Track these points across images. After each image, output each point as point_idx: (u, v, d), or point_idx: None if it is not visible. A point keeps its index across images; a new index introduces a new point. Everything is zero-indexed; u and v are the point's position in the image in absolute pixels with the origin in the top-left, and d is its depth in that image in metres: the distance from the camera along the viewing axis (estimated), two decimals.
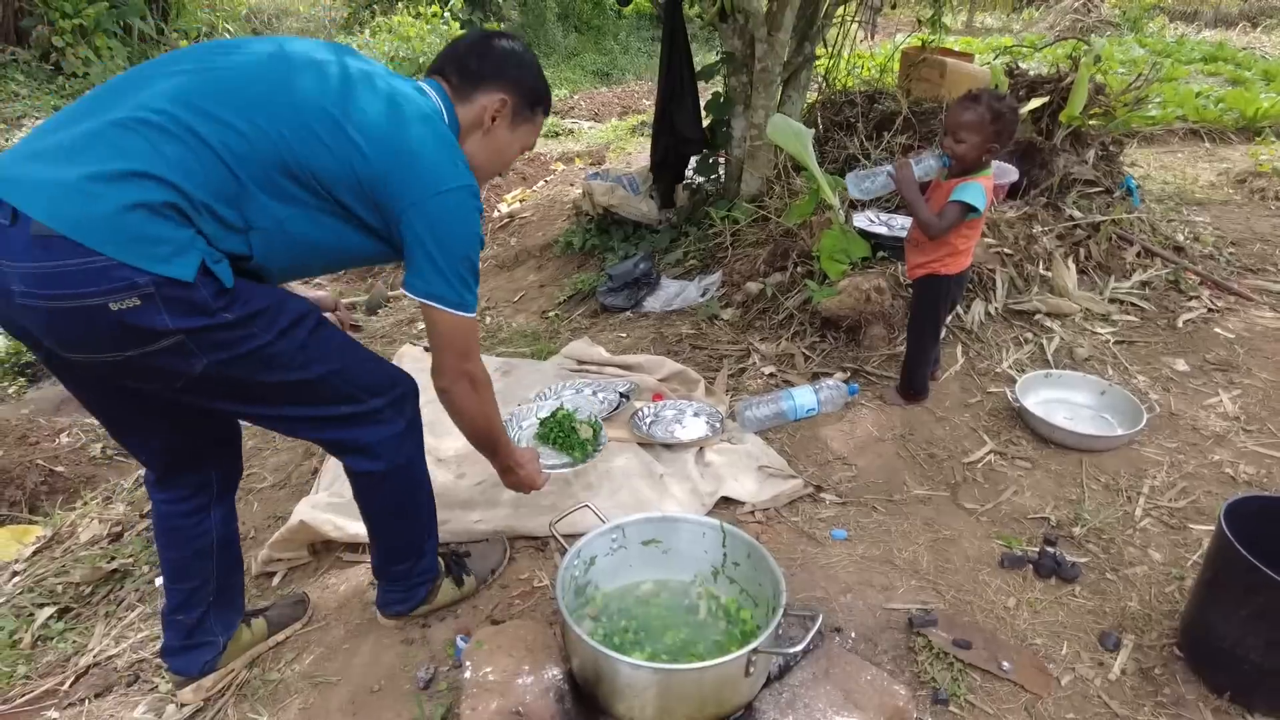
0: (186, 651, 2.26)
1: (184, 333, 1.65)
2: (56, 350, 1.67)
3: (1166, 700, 2.09)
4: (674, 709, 1.74)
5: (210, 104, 1.67)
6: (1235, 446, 3.16)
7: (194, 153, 1.64)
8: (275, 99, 1.74)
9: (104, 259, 1.53)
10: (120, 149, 1.59)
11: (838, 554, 2.65)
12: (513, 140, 2.16)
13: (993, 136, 2.88)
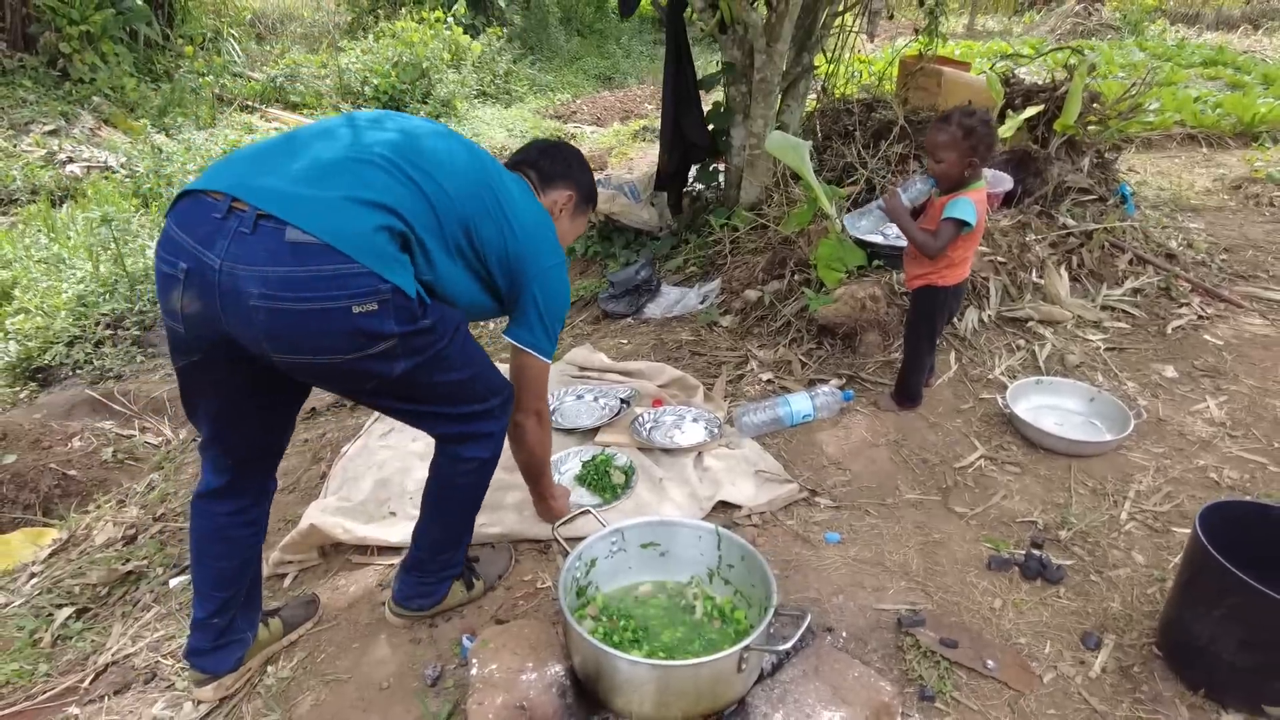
0: (217, 651, 2.34)
1: (398, 337, 1.89)
2: (269, 351, 1.83)
3: (1144, 697, 2.18)
4: (671, 703, 1.83)
5: (422, 162, 1.98)
6: (1220, 452, 3.24)
7: (415, 197, 1.94)
8: (460, 172, 2.07)
9: (359, 266, 1.77)
10: (365, 181, 1.87)
11: (831, 556, 2.74)
12: (571, 229, 2.62)
13: (969, 152, 2.95)
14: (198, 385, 2.04)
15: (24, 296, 6.30)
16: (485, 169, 2.18)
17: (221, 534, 2.24)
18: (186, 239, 1.77)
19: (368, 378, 1.96)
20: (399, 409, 2.21)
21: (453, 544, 2.49)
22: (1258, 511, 2.26)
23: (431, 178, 1.99)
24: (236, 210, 1.76)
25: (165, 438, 4.60)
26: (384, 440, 3.50)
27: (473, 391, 2.22)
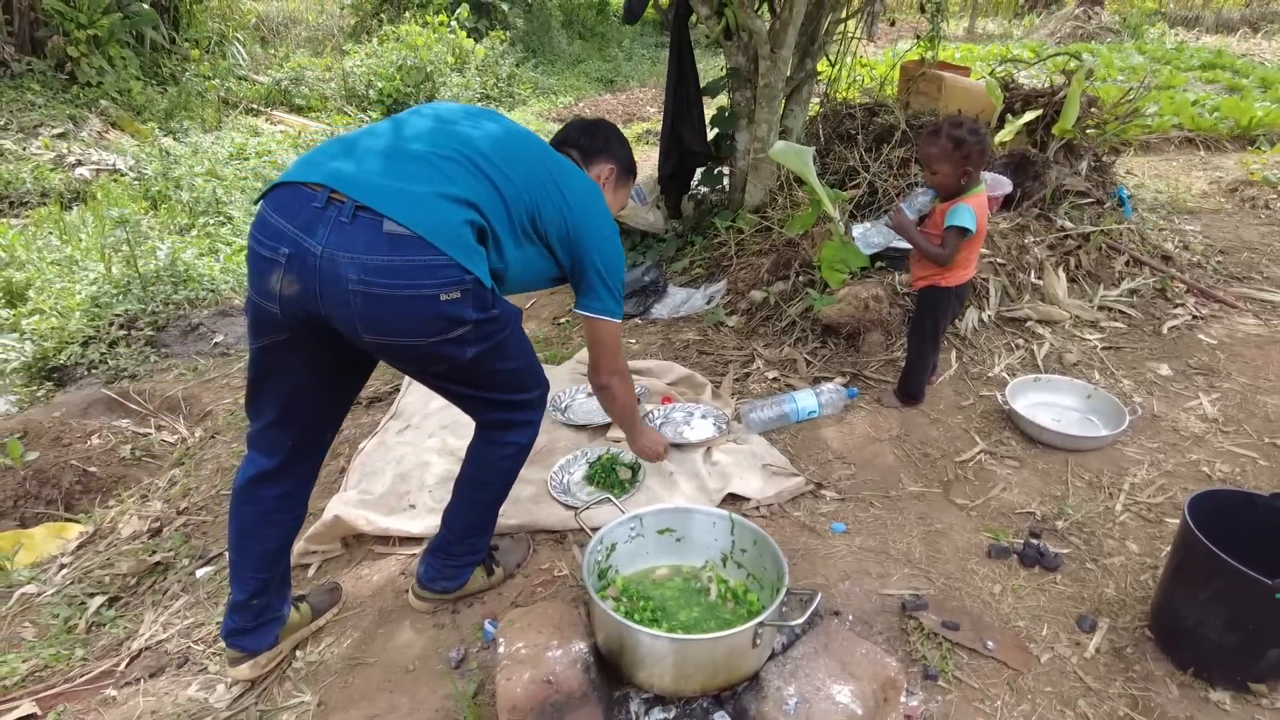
0: (258, 629, 2.45)
1: (474, 324, 2.07)
2: (361, 332, 1.98)
3: (1136, 676, 2.28)
4: (690, 676, 1.93)
5: (493, 155, 2.16)
6: (1213, 446, 3.35)
7: (490, 192, 2.12)
8: (525, 162, 2.24)
9: (447, 258, 1.94)
10: (450, 178, 2.04)
11: (837, 545, 2.85)
12: (615, 200, 2.74)
13: (962, 161, 3.07)
14: (275, 363, 2.17)
15: (38, 297, 6.39)
16: (544, 154, 2.35)
17: (267, 518, 2.36)
18: (287, 225, 1.92)
19: (441, 360, 2.13)
20: (459, 392, 2.36)
21: (480, 528, 2.61)
22: (1244, 500, 2.37)
23: (502, 171, 2.16)
24: (335, 200, 1.91)
25: (181, 436, 4.69)
26: (400, 437, 3.60)
27: (522, 381, 2.40)
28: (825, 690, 1.87)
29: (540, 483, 3.17)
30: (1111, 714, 2.18)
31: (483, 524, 2.62)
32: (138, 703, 2.48)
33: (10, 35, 11.10)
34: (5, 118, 10.30)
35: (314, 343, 2.11)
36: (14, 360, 5.70)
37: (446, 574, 2.61)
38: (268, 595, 2.43)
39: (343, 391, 2.41)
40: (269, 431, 2.29)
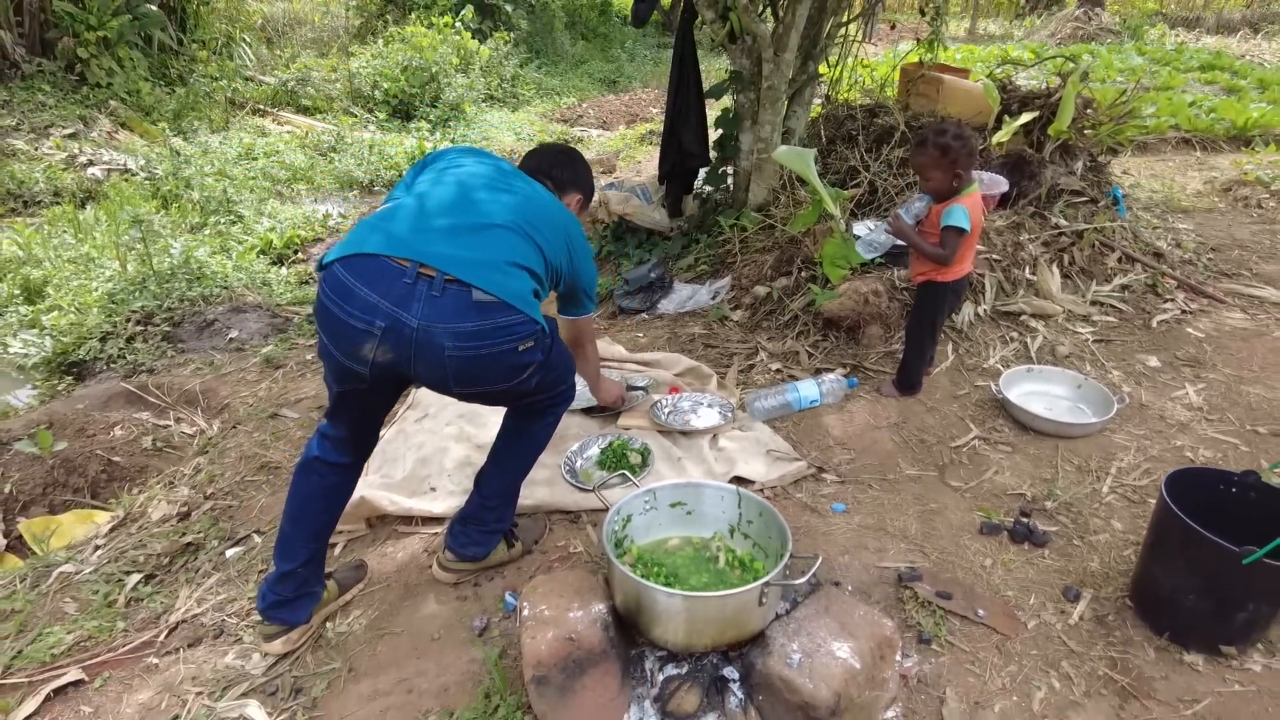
0: (299, 601, 2.61)
1: (538, 364, 2.39)
2: (452, 386, 2.30)
3: (1117, 640, 2.44)
4: (701, 632, 2.09)
5: (536, 221, 2.45)
6: (1197, 433, 3.50)
7: (538, 256, 2.42)
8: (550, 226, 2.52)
9: (524, 315, 2.24)
10: (513, 247, 2.34)
11: (837, 524, 3.01)
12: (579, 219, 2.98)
13: (950, 166, 3.23)
14: (353, 399, 2.47)
15: (57, 294, 6.55)
16: (557, 212, 2.62)
17: (330, 491, 2.58)
18: (381, 300, 2.14)
19: (511, 394, 2.46)
20: (515, 405, 2.67)
21: (511, 497, 2.83)
22: (1218, 477, 2.53)
23: (542, 234, 2.46)
24: (424, 275, 2.15)
25: (200, 428, 4.84)
26: (419, 425, 3.76)
27: (560, 377, 2.65)
28: (826, 647, 2.02)
29: (554, 467, 3.33)
30: (1092, 674, 2.34)
31: (514, 492, 2.84)
32: (178, 670, 2.63)
33: (21, 37, 11.25)
34: (17, 118, 10.44)
35: (390, 389, 2.51)
36: (35, 355, 5.85)
37: (477, 540, 2.78)
38: (312, 567, 2.60)
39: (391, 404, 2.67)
40: (344, 439, 2.56)
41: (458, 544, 2.79)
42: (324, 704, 2.42)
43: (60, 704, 2.54)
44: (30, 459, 4.33)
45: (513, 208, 2.44)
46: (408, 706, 2.33)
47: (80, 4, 11.28)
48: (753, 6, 4.90)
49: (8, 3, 10.89)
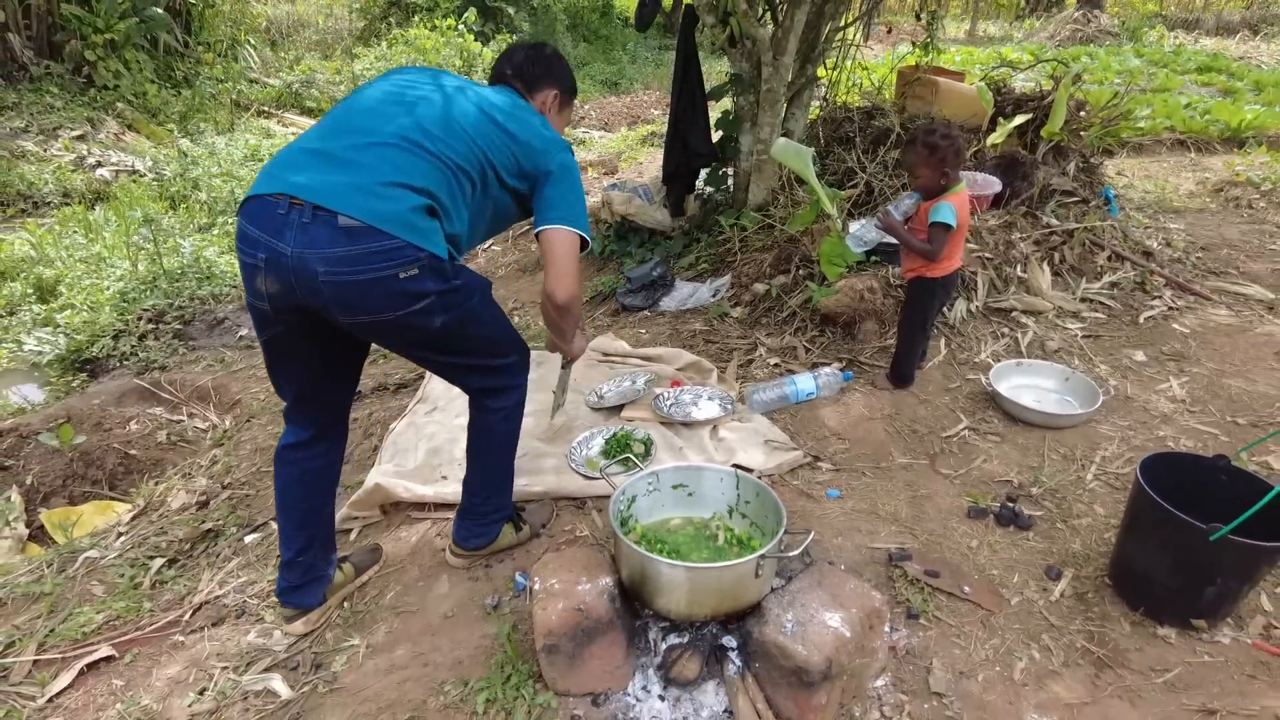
0: (306, 586, 2.75)
1: (436, 294, 2.28)
2: (337, 315, 2.24)
3: (1095, 616, 2.57)
4: (701, 602, 2.22)
5: (439, 134, 2.35)
6: (1179, 424, 3.63)
7: (436, 171, 2.31)
8: (465, 130, 2.41)
9: (400, 240, 2.17)
10: (396, 165, 2.24)
11: (831, 508, 3.15)
12: (559, 122, 2.87)
13: (939, 164, 3.36)
14: (281, 351, 2.47)
15: (69, 293, 6.68)
16: (483, 110, 2.49)
17: (305, 477, 2.66)
18: (260, 234, 2.18)
19: (413, 330, 2.35)
20: (440, 361, 2.62)
21: (496, 488, 2.89)
22: (1191, 462, 2.67)
23: (445, 144, 2.35)
24: (295, 206, 2.15)
25: (212, 422, 4.97)
26: (429, 417, 3.89)
27: (498, 346, 2.63)
28: (818, 617, 2.16)
29: (561, 456, 3.46)
30: (1070, 646, 2.47)
31: (498, 484, 2.89)
32: (204, 647, 2.77)
33: (29, 39, 11.39)
34: (26, 120, 10.57)
35: (306, 329, 2.37)
36: (49, 353, 5.97)
37: (477, 532, 2.89)
38: (312, 553, 2.72)
39: (347, 361, 2.64)
40: (298, 406, 2.62)
41: (459, 537, 2.92)
42: (344, 677, 2.55)
43: (93, 678, 2.68)
44: (50, 452, 4.47)
45: (412, 123, 2.34)
46: (424, 678, 2.46)
47: (88, 7, 11.42)
48: (752, 11, 5.03)
49: (16, 5, 11.02)
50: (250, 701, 2.52)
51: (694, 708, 2.22)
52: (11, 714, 2.52)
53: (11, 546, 3.79)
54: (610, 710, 2.24)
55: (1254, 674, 2.35)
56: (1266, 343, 4.21)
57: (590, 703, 2.26)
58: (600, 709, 2.25)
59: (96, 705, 2.56)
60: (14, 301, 6.64)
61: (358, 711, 2.39)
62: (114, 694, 2.60)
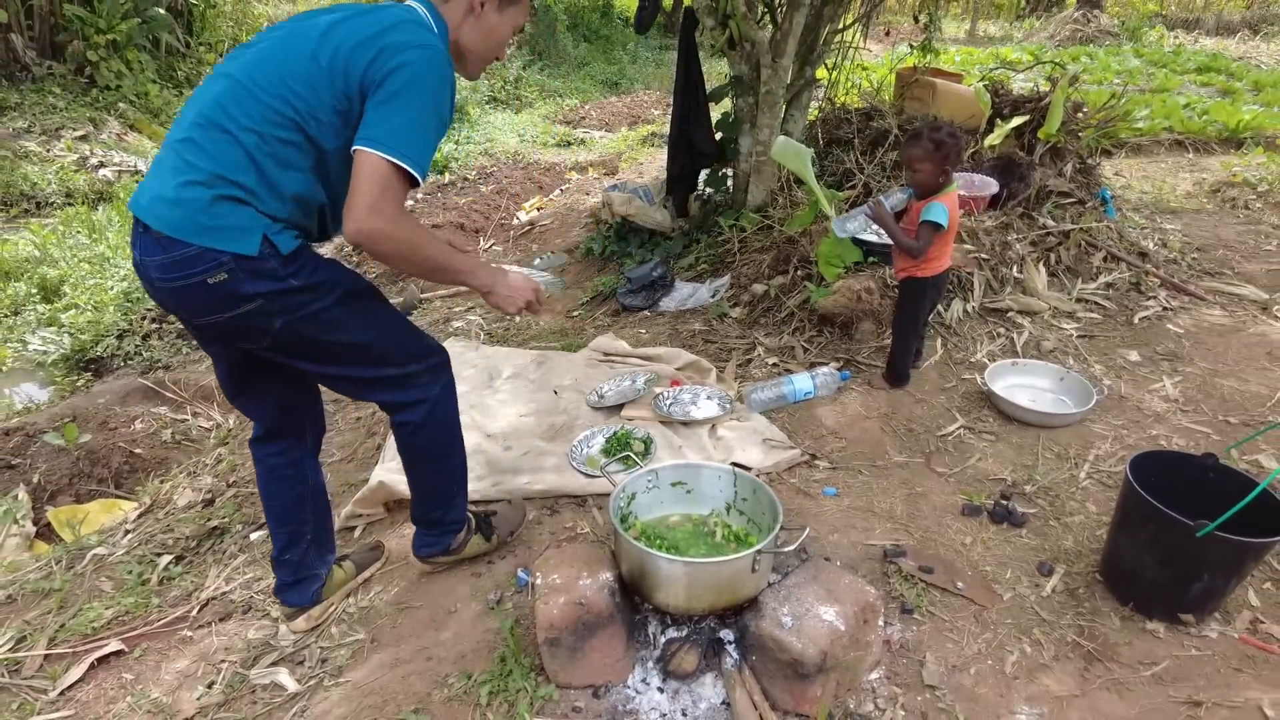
0: (298, 585, 2.80)
1: (263, 296, 2.11)
2: (188, 318, 2.19)
3: (1086, 611, 2.63)
4: (699, 596, 2.27)
5: (233, 98, 2.07)
6: (1172, 423, 3.67)
7: (234, 147, 2.05)
8: (282, 69, 2.08)
9: (196, 247, 2.02)
10: (187, 160, 2.05)
11: (828, 506, 3.20)
12: (502, 21, 2.36)
13: (942, 161, 3.41)
14: (205, 349, 2.48)
15: (73, 293, 6.74)
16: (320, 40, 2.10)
17: (272, 474, 2.67)
18: (131, 245, 2.17)
19: (256, 332, 2.19)
20: (312, 370, 2.39)
21: (436, 501, 2.77)
22: (1180, 460, 2.72)
23: (247, 112, 2.06)
24: (138, 221, 2.10)
25: (215, 422, 5.03)
26: None
27: (380, 355, 2.39)
28: (814, 611, 2.21)
29: (562, 454, 3.52)
30: (1061, 640, 2.52)
31: (434, 496, 2.77)
32: (212, 641, 2.82)
33: (31, 40, 11.43)
34: (28, 120, 10.62)
35: (199, 335, 2.34)
36: (54, 352, 6.04)
37: (426, 542, 2.85)
38: (298, 551, 2.75)
39: (285, 373, 2.47)
40: (235, 402, 2.62)
41: (416, 545, 2.88)
42: (349, 671, 2.60)
43: (103, 672, 2.73)
44: (56, 451, 4.52)
45: (211, 98, 2.10)
46: (427, 672, 2.52)
47: (90, 7, 11.46)
48: (751, 14, 5.09)
49: (19, 6, 11.07)
50: (258, 694, 2.57)
51: (692, 700, 2.28)
52: (25, 707, 2.58)
53: (19, 544, 3.83)
54: (610, 702, 2.29)
55: (1240, 667, 2.40)
56: (1259, 343, 4.26)
57: (591, 695, 2.32)
58: (601, 701, 2.30)
59: (107, 698, 2.61)
60: (18, 301, 6.71)
61: (363, 704, 2.44)
62: (124, 687, 2.65)
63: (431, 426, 2.56)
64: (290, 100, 2.06)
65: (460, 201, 8.42)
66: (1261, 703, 2.25)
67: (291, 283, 2.14)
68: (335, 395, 4.61)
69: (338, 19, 2.13)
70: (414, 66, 2.04)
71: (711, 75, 10.12)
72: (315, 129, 2.09)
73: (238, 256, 2.05)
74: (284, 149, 2.09)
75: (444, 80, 2.11)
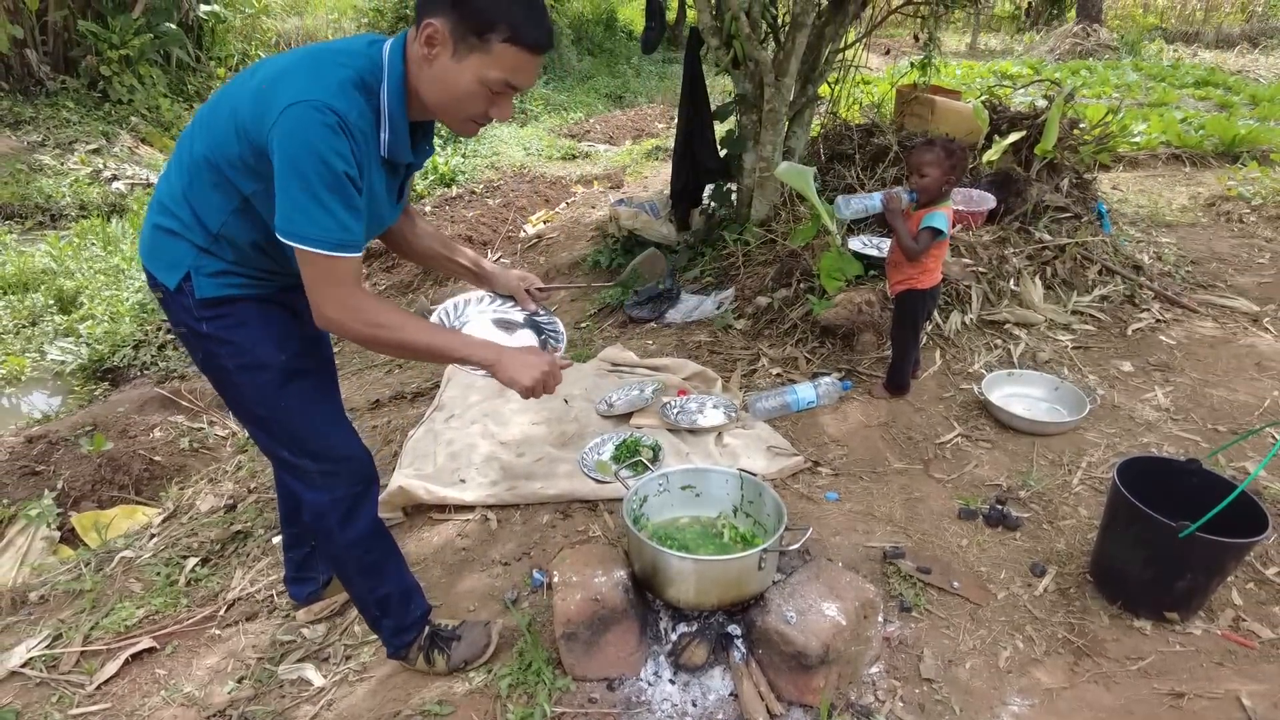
0: (297, 582, 2.98)
1: (183, 327, 2.13)
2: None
3: (1076, 609, 2.76)
4: (708, 592, 2.40)
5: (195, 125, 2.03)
6: (1163, 431, 3.80)
7: (180, 175, 2.03)
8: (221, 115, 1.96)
9: (146, 265, 2.10)
10: (163, 179, 2.11)
11: (830, 510, 3.33)
12: (460, 70, 1.90)
13: (949, 171, 3.55)
14: None
15: (90, 304, 6.88)
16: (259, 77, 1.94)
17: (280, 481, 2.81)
18: None
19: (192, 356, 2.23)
20: (233, 413, 2.37)
21: (363, 603, 2.57)
22: (1164, 465, 2.85)
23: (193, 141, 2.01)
24: None
25: (231, 430, 5.16)
26: (447, 424, 4.07)
27: (275, 438, 2.27)
28: (816, 607, 2.33)
29: (574, 461, 3.64)
30: (1052, 637, 2.65)
31: (359, 597, 2.55)
32: (240, 639, 2.95)
33: (46, 55, 11.63)
34: (43, 134, 10.80)
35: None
36: (72, 362, 6.17)
37: (384, 639, 2.63)
38: (301, 553, 2.92)
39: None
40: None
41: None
42: (372, 668, 2.73)
43: (137, 667, 2.86)
44: (79, 458, 4.66)
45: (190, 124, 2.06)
46: None
47: (104, 23, 11.65)
48: (755, 34, 5.23)
49: (34, 22, 11.25)
50: (286, 689, 2.70)
51: (702, 691, 2.41)
52: (64, 700, 2.71)
53: (44, 548, 3.96)
54: (624, 693, 2.42)
55: (1222, 661, 2.53)
56: (1248, 354, 4.39)
57: (606, 687, 2.44)
58: (615, 692, 2.43)
59: (142, 692, 2.74)
60: (35, 312, 6.85)
61: (387, 697, 2.56)
62: (157, 682, 2.78)
63: (320, 534, 2.39)
64: (219, 142, 1.94)
65: (468, 215, 8.55)
66: (1240, 693, 2.38)
67: (201, 328, 2.09)
68: (353, 404, 4.76)
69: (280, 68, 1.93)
70: (280, 133, 1.81)
71: (715, 90, 10.27)
72: (231, 174, 1.95)
73: (167, 290, 2.07)
74: (209, 188, 1.99)
75: (313, 140, 1.80)
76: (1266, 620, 2.70)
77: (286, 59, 1.95)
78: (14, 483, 4.40)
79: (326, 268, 1.89)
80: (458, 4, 1.83)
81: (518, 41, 1.87)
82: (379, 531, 2.45)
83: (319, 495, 2.29)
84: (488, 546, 3.24)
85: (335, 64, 1.88)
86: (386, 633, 2.58)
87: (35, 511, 3.97)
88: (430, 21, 1.85)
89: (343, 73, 1.86)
